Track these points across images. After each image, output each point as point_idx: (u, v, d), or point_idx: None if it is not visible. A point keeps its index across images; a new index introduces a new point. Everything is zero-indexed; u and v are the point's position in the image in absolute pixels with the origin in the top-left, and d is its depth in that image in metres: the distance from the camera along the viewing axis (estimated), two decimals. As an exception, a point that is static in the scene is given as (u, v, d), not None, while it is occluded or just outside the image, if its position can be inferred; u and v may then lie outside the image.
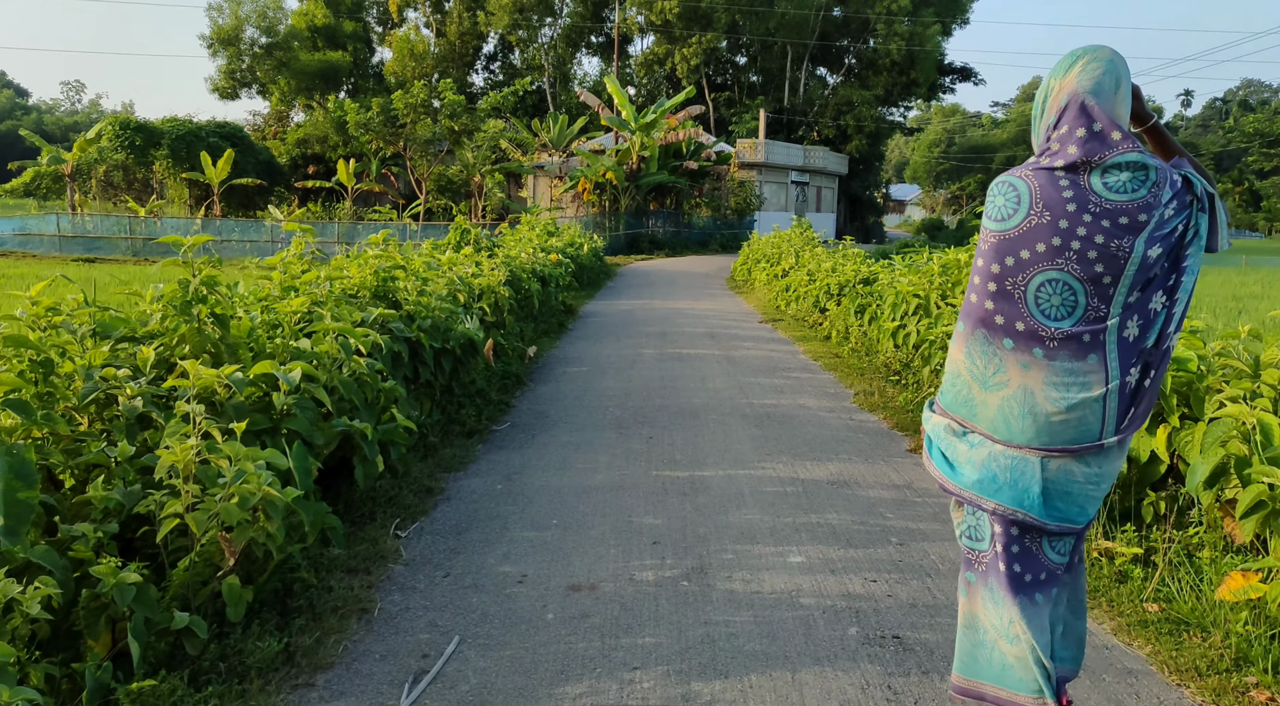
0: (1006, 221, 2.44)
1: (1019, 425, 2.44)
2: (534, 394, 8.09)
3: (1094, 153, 2.35)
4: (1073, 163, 2.37)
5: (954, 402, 2.59)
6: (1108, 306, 2.35)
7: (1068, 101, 2.41)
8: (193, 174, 36.07)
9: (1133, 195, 2.32)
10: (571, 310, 14.57)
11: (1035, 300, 2.39)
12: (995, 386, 2.47)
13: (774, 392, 8.21)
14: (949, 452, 2.60)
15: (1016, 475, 2.47)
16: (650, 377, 8.90)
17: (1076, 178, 2.37)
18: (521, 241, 15.80)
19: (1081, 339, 2.36)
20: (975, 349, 2.51)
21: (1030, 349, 2.41)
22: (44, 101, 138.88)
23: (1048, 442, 2.41)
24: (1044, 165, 2.42)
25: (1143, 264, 2.32)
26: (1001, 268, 2.44)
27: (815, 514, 4.88)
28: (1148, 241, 2.31)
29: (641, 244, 34.09)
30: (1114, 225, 2.31)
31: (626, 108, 34.04)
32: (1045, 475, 2.44)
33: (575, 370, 9.34)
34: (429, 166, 34.91)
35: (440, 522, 4.75)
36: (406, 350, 5.91)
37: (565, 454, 6.09)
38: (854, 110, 50.41)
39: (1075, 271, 2.34)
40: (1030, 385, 2.41)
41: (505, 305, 8.87)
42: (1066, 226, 2.34)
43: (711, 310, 15.50)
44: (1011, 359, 2.44)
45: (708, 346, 11.08)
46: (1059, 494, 2.46)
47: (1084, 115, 2.37)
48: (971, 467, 2.53)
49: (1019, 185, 2.44)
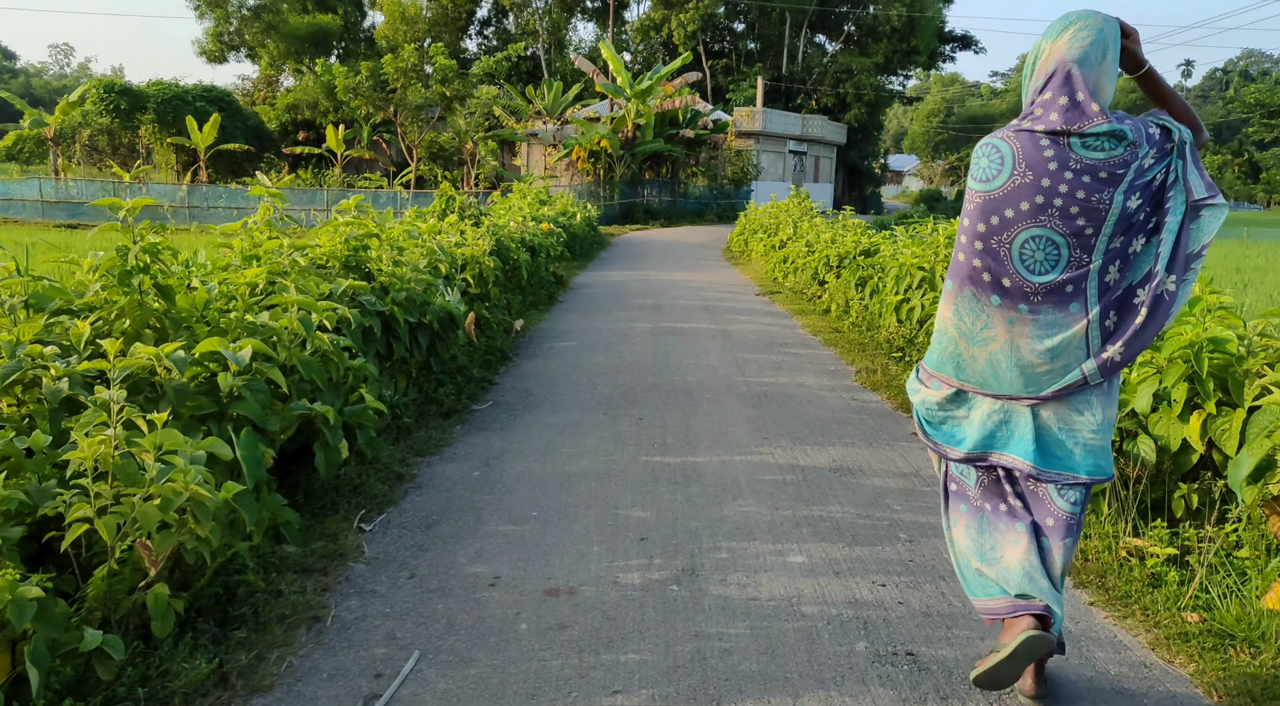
0: (991, 182, 2.56)
1: (1007, 377, 2.59)
2: (519, 370, 7.68)
3: (1073, 122, 2.47)
4: (1054, 129, 2.49)
5: (940, 361, 2.73)
6: (1089, 255, 2.50)
7: (1055, 68, 2.51)
8: (178, 138, 35.33)
9: (1110, 153, 2.46)
10: (563, 281, 14.13)
11: (1020, 256, 2.53)
12: (983, 342, 2.62)
13: (772, 370, 7.82)
14: (940, 424, 2.78)
15: (1009, 426, 2.64)
16: (642, 353, 8.49)
17: (1057, 140, 2.49)
18: (511, 210, 15.33)
19: (1064, 289, 2.52)
20: (963, 306, 2.65)
21: (1016, 305, 2.56)
22: (32, 64, 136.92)
23: (1036, 391, 2.58)
24: (1026, 127, 2.54)
25: (1122, 214, 2.47)
26: (987, 226, 2.57)
27: (817, 505, 4.50)
28: (1126, 193, 2.46)
29: (636, 214, 33.56)
30: (1094, 180, 2.45)
31: (622, 74, 33.36)
32: (1037, 424, 2.61)
33: (564, 345, 8.93)
34: (420, 133, 34.25)
35: (409, 514, 4.37)
36: (379, 325, 5.50)
37: (549, 436, 5.70)
38: (853, 78, 49.65)
39: (1058, 227, 2.49)
40: (1016, 339, 2.57)
41: (490, 277, 8.45)
42: (1049, 185, 2.48)
43: (707, 282, 15.07)
44: (998, 315, 2.59)
45: (702, 320, 10.68)
46: (1054, 442, 2.61)
47: (1068, 84, 2.49)
48: (964, 427, 2.72)
49: (1002, 147, 2.56)
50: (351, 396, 4.85)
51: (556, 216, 18.00)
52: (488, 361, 7.66)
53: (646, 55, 54.29)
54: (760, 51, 53.67)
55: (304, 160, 44.28)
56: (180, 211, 31.62)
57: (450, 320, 6.48)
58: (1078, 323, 2.53)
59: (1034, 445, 2.61)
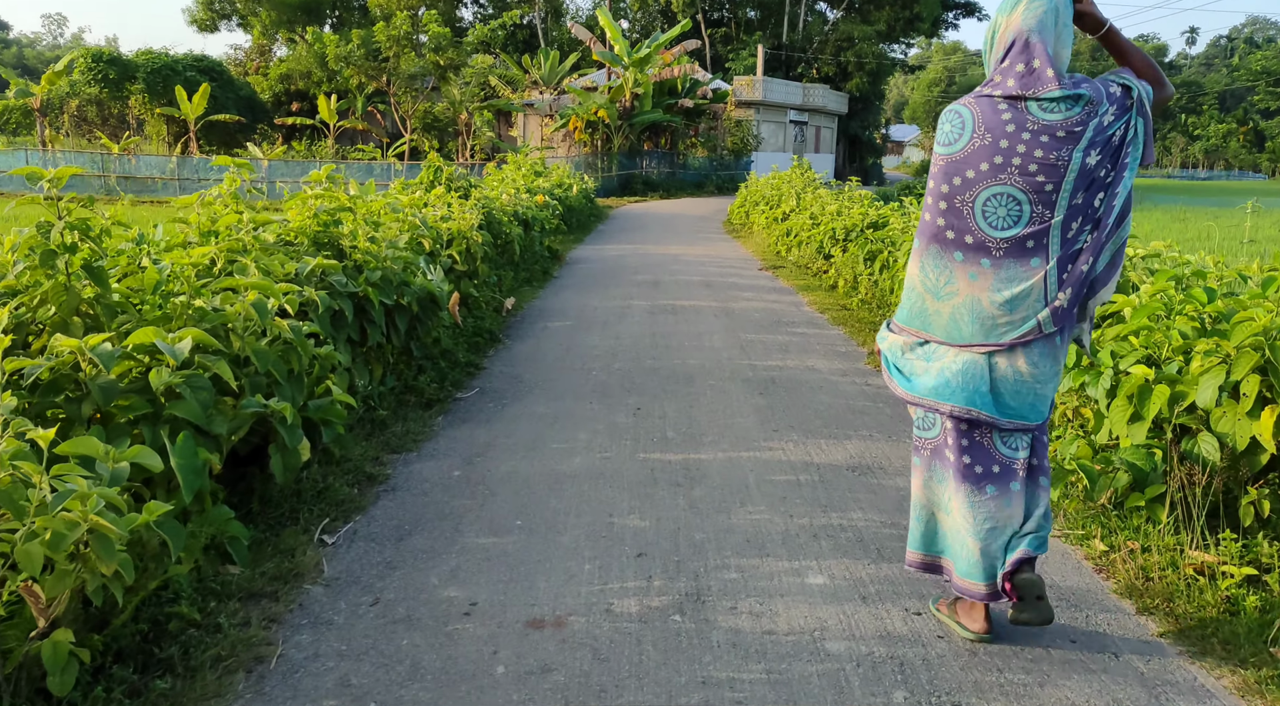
0: (953, 145, 2.70)
1: (968, 329, 2.72)
2: (509, 353, 7.19)
3: (1029, 87, 2.60)
4: (1011, 94, 2.63)
5: (909, 316, 2.87)
6: (1051, 211, 2.61)
7: (1014, 38, 2.65)
8: (168, 109, 34.58)
9: (1067, 113, 2.57)
10: (558, 256, 13.60)
11: (982, 214, 2.66)
12: (946, 296, 2.75)
13: (779, 352, 7.32)
14: (904, 367, 2.91)
15: (968, 377, 2.74)
16: (640, 334, 7.99)
17: (1014, 104, 2.62)
18: (504, 182, 14.77)
19: (1026, 244, 2.64)
20: (929, 263, 2.79)
21: (978, 260, 2.68)
22: (25, 35, 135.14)
23: (995, 340, 2.69)
24: (986, 93, 2.69)
25: (1082, 170, 2.57)
26: (950, 187, 2.70)
27: (836, 512, 4.03)
28: (1085, 150, 2.56)
29: (635, 185, 32.92)
30: (1052, 139, 2.57)
31: (620, 42, 32.58)
32: (994, 375, 2.73)
33: (558, 324, 8.43)
34: (413, 103, 33.51)
35: (379, 523, 3.89)
36: (350, 308, 4.99)
37: (538, 429, 5.21)
38: (854, 46, 48.75)
39: (1019, 184, 2.60)
40: (976, 293, 2.69)
41: (478, 253, 7.93)
42: (1007, 146, 2.60)
43: (708, 256, 14.54)
44: (960, 270, 2.72)
45: (704, 297, 10.16)
46: (1009, 392, 2.74)
47: (1026, 51, 2.62)
48: (928, 376, 2.82)
49: (964, 112, 2.70)
50: (318, 388, 4.37)
51: (552, 188, 17.42)
52: (475, 344, 7.16)
53: (645, 24, 53.31)
54: (760, 19, 52.69)
55: (299, 132, 43.46)
56: (170, 184, 31.02)
57: (432, 301, 5.97)
58: (1036, 275, 2.64)
59: (990, 394, 2.74)
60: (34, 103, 32.03)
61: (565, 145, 35.02)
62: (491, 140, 37.70)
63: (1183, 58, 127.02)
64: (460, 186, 10.51)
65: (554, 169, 21.93)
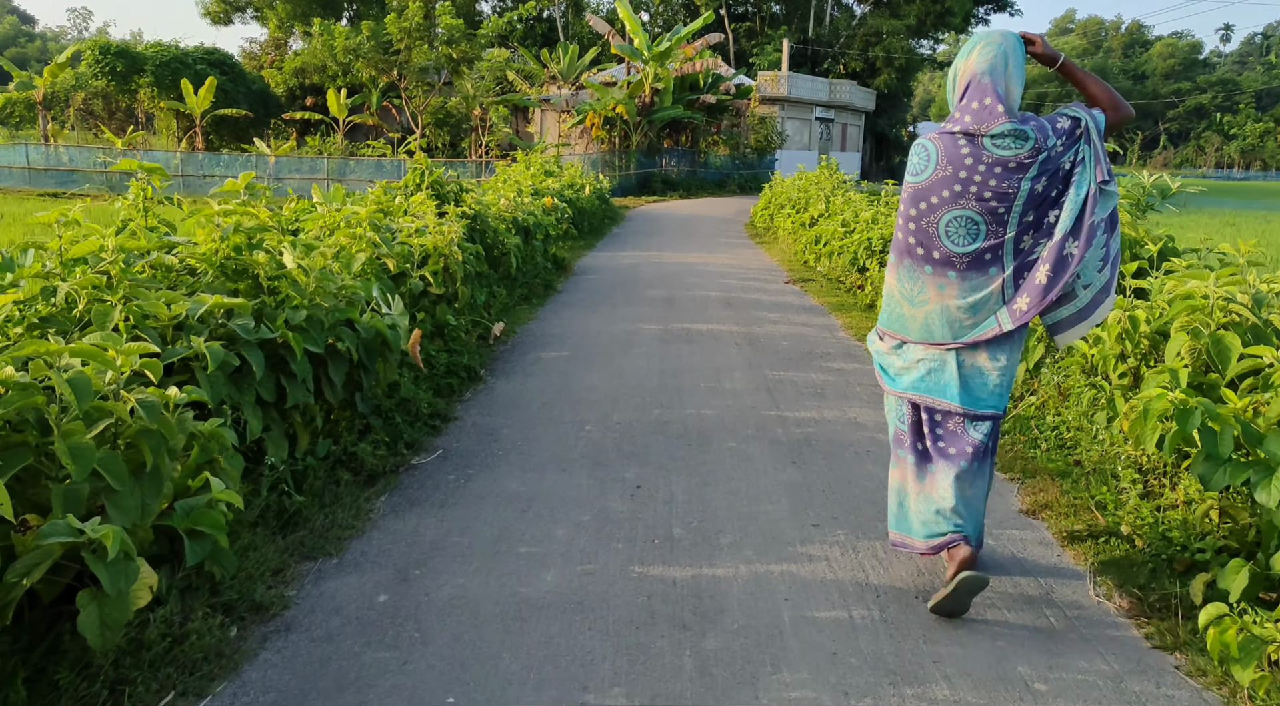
0: (919, 175, 3.15)
1: (939, 330, 3.18)
2: (488, 397, 5.98)
3: (982, 122, 3.01)
4: (967, 130, 3.04)
5: (890, 321, 3.36)
6: (1004, 228, 3.06)
7: (970, 80, 3.08)
8: (173, 102, 33.63)
9: (1016, 151, 2.98)
10: (564, 266, 12.39)
11: (945, 233, 3.10)
12: (920, 304, 3.21)
13: (813, 397, 6.08)
14: (889, 367, 3.40)
15: (938, 373, 3.22)
16: (648, 370, 6.77)
17: (972, 139, 3.03)
18: (507, 184, 13.59)
19: (984, 256, 3.09)
20: (904, 275, 3.26)
21: (945, 272, 3.13)
22: (49, 29, 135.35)
23: (962, 338, 3.15)
24: (948, 130, 3.10)
25: (1030, 195, 3.01)
26: (918, 211, 3.16)
27: (911, 685, 2.79)
28: (1033, 179, 3.00)
29: (654, 184, 31.68)
30: (1004, 170, 2.99)
31: (639, 35, 31.32)
32: (962, 370, 3.19)
33: (552, 356, 7.21)
34: (425, 98, 32.40)
35: (250, 698, 2.69)
36: (261, 360, 3.81)
37: (506, 520, 4.00)
38: (883, 41, 47.29)
39: (975, 208, 3.04)
40: (945, 300, 3.15)
41: (459, 271, 6.72)
42: (965, 176, 3.03)
43: (729, 266, 13.29)
44: (930, 282, 3.17)
45: (723, 318, 8.92)
46: (975, 384, 3.20)
47: (980, 91, 3.04)
48: (906, 375, 3.30)
49: (929, 146, 3.14)
50: (193, 481, 3.19)
51: (562, 190, 16.22)
52: (448, 386, 5.96)
53: (666, 18, 52.00)
54: (785, 14, 51.30)
55: (313, 126, 42.51)
56: (175, 180, 30.03)
57: (383, 343, 4.77)
58: (995, 282, 3.10)
59: (959, 388, 3.19)
60: (36, 95, 31.14)
61: (582, 142, 33.82)
62: (508, 136, 36.57)
63: (1215, 55, 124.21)
64: (450, 190, 9.32)
65: (567, 167, 20.74)
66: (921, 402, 3.25)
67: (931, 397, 3.22)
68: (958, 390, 3.18)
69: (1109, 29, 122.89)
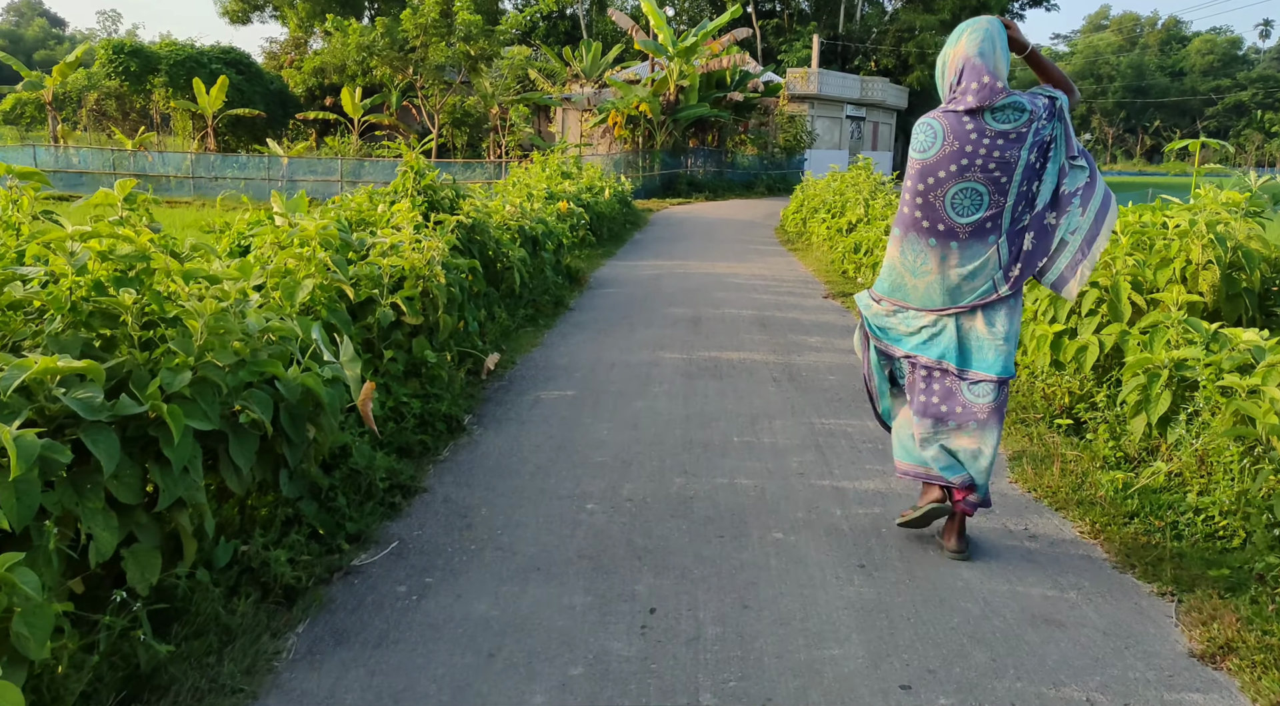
0: (926, 152, 3.41)
1: (939, 298, 3.47)
2: (469, 457, 4.82)
3: (985, 99, 3.30)
4: (971, 108, 3.34)
5: (891, 289, 3.62)
6: (1005, 197, 3.37)
7: (963, 64, 3.37)
8: (184, 102, 32.77)
9: (1015, 123, 3.32)
10: (578, 278, 11.21)
11: (951, 205, 3.38)
12: (922, 274, 3.47)
13: (875, 458, 4.86)
14: (888, 328, 3.67)
15: (939, 335, 3.52)
16: (669, 416, 5.57)
17: (975, 116, 3.34)
18: (517, 187, 12.44)
19: (984, 225, 3.39)
20: (908, 248, 3.52)
21: (948, 243, 3.41)
22: (79, 31, 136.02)
23: (961, 303, 3.45)
24: (951, 109, 3.40)
25: (1027, 165, 3.34)
26: (925, 185, 3.41)
27: None
28: (1029, 149, 3.33)
29: (679, 185, 30.46)
30: (1005, 141, 3.32)
31: (664, 30, 30.09)
32: (960, 334, 3.50)
33: (555, 396, 6.04)
34: (442, 97, 31.36)
35: None
36: (113, 447, 2.65)
37: (462, 673, 2.81)
38: (916, 37, 45.78)
39: (980, 179, 3.34)
40: (945, 271, 3.43)
41: (442, 296, 5.56)
42: (970, 150, 3.33)
43: (760, 278, 12.06)
44: (933, 253, 3.44)
45: (757, 344, 7.71)
46: (973, 348, 3.50)
47: (975, 72, 3.33)
48: (908, 335, 3.60)
49: (935, 125, 3.42)
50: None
51: (579, 193, 15.06)
52: (420, 444, 4.80)
53: (692, 14, 50.74)
54: (814, 10, 49.92)
55: (334, 127, 41.58)
56: (184, 182, 29.21)
57: (316, 406, 3.61)
58: (991, 249, 3.40)
59: (956, 351, 3.49)
60: (45, 96, 30.39)
61: (605, 142, 32.67)
62: (530, 136, 35.45)
63: (1254, 51, 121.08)
64: (445, 196, 8.16)
65: (586, 169, 19.58)
66: (920, 362, 3.56)
67: (930, 359, 3.53)
68: (956, 353, 3.49)
69: (1145, 25, 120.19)
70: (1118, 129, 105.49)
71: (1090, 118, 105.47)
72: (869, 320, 3.75)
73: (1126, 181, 54.56)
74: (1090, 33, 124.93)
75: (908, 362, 3.61)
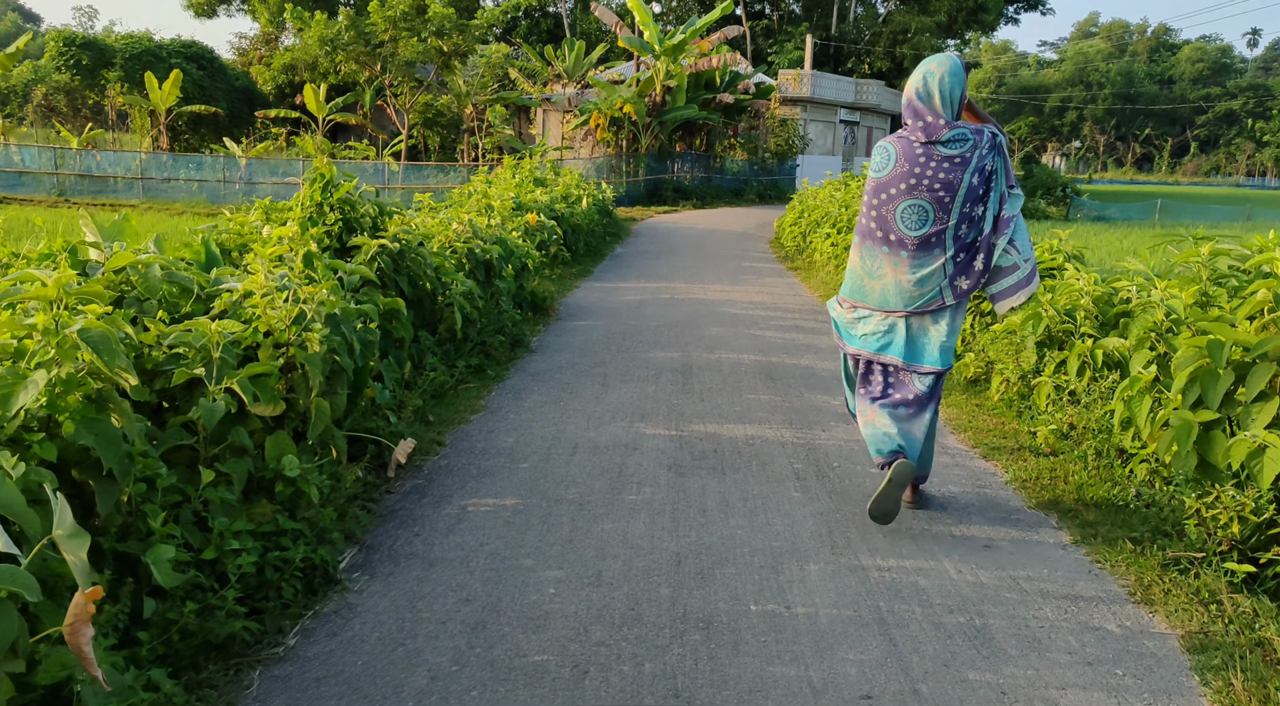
0: (881, 171, 3.94)
1: (894, 299, 3.94)
2: (322, 655, 2.97)
3: (932, 134, 3.83)
4: (921, 140, 3.86)
5: (852, 291, 4.11)
6: (948, 216, 3.84)
7: (907, 102, 3.93)
8: (133, 97, 30.73)
9: (960, 150, 3.81)
10: (545, 307, 9.38)
11: (901, 219, 3.87)
12: (878, 277, 3.97)
13: (975, 646, 3.07)
14: (850, 329, 4.14)
15: (891, 334, 4.02)
16: (649, 564, 3.74)
17: (926, 142, 3.84)
18: (473, 197, 10.61)
19: (930, 240, 3.86)
20: (865, 254, 4.02)
21: (899, 252, 3.90)
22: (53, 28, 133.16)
23: (911, 307, 3.92)
24: (905, 136, 3.91)
25: (969, 188, 3.81)
26: (879, 200, 3.94)
27: None
28: (971, 174, 3.81)
29: (664, 192, 28.67)
30: (950, 165, 3.80)
31: (650, 27, 28.29)
32: (910, 332, 3.99)
33: (484, 508, 4.21)
34: (413, 95, 29.45)
35: None
36: None
37: None
38: (911, 39, 44.17)
39: (926, 198, 3.82)
40: (898, 275, 3.91)
41: (316, 372, 3.73)
42: (919, 171, 3.83)
43: (760, 305, 10.27)
44: (886, 260, 3.93)
45: (768, 412, 5.92)
46: (919, 343, 3.99)
47: (917, 112, 3.88)
48: (864, 335, 4.07)
49: (890, 148, 3.95)
50: None
51: (552, 202, 13.24)
52: (244, 636, 2.96)
53: (680, 13, 48.97)
54: (805, 11, 48.26)
55: (305, 127, 39.54)
56: (134, 183, 27.20)
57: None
58: (938, 261, 3.86)
59: (905, 347, 3.99)
60: (-16, 90, 28.31)
61: (587, 145, 30.86)
62: (509, 139, 33.57)
63: (1240, 61, 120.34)
64: (364, 213, 6.32)
65: (564, 174, 17.76)
66: (876, 359, 4.07)
67: (884, 355, 4.04)
68: (905, 349, 4.00)
69: (1134, 32, 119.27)
70: (1109, 137, 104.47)
71: (1081, 125, 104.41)
72: (835, 321, 4.23)
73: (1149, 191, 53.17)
74: (1079, 39, 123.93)
75: (863, 357, 4.10)
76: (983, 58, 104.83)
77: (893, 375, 4.07)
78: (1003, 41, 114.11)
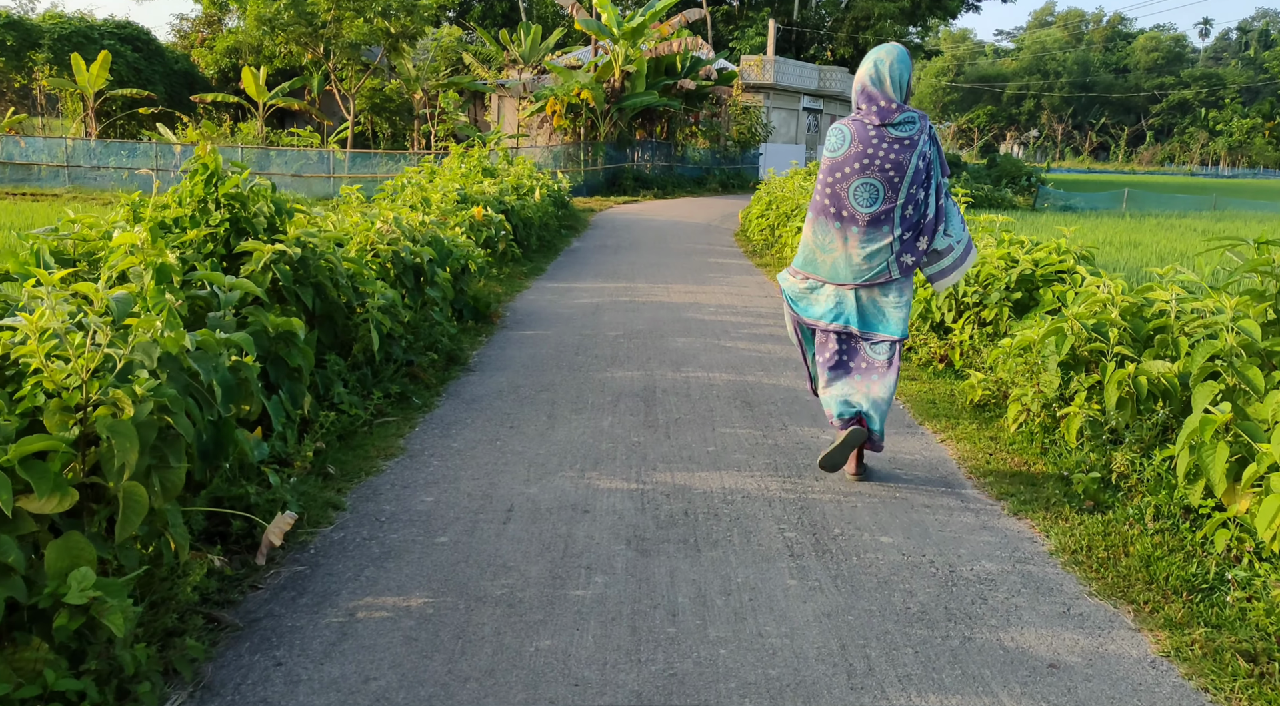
0: (836, 151, 4.14)
1: (844, 272, 4.19)
2: None
3: (884, 117, 4.06)
4: (874, 122, 4.08)
5: (804, 264, 4.33)
6: (896, 196, 4.08)
7: (860, 88, 4.13)
8: (58, 81, 28.98)
9: (908, 132, 4.06)
10: (489, 313, 8.28)
11: (854, 196, 4.09)
12: (829, 250, 4.22)
13: None
14: (801, 301, 4.37)
15: (842, 305, 4.26)
16: (603, 692, 2.71)
17: (879, 125, 4.07)
18: (406, 191, 9.48)
19: (879, 217, 4.09)
20: (819, 228, 4.25)
21: (850, 227, 4.14)
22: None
23: (860, 280, 4.17)
24: (859, 118, 4.12)
25: (915, 169, 4.06)
26: (833, 178, 4.15)
27: None
28: (918, 157, 4.05)
29: (624, 181, 27.58)
30: (900, 146, 4.03)
31: (608, 9, 27.12)
32: (860, 304, 4.24)
33: (376, 620, 3.14)
34: (359, 79, 28.02)
35: None
36: None
37: None
38: (873, 25, 43.36)
39: (878, 177, 4.06)
40: (849, 250, 4.16)
41: (131, 446, 2.66)
42: (871, 152, 4.05)
43: (730, 309, 9.26)
44: (837, 234, 4.18)
45: (748, 454, 4.90)
46: (872, 314, 4.26)
47: (870, 97, 4.09)
48: (817, 306, 4.32)
49: (845, 129, 4.15)
50: None
51: (501, 195, 12.12)
52: None
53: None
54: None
55: (244, 111, 37.82)
56: (59, 172, 25.54)
57: None
58: (886, 238, 4.11)
59: (857, 316, 4.24)
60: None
61: (544, 132, 29.65)
62: (464, 126, 32.23)
63: (1192, 51, 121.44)
64: (258, 211, 5.19)
65: (517, 163, 16.62)
66: (831, 329, 4.30)
67: (838, 324, 4.27)
68: (858, 319, 4.25)
69: (1090, 21, 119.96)
70: (1066, 125, 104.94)
71: (1039, 114, 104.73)
72: (786, 293, 4.43)
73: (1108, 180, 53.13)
74: (1036, 28, 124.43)
75: (819, 327, 4.33)
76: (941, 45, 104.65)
77: (848, 343, 4.34)
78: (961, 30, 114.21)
